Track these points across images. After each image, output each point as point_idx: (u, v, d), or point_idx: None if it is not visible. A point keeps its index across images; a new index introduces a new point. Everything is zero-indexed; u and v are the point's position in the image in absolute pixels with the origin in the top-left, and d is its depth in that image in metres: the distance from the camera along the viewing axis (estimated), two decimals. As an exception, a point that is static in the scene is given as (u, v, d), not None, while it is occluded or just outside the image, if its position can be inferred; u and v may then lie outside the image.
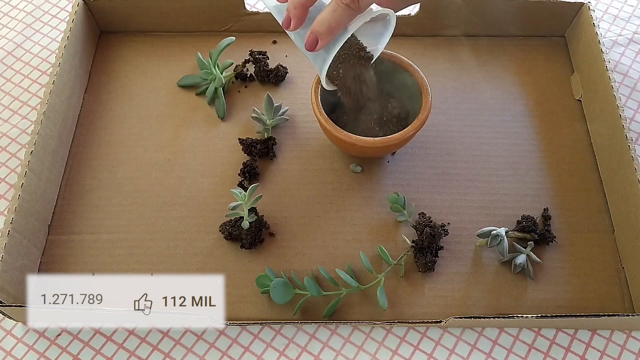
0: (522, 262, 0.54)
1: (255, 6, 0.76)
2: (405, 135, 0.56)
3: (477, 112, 0.66)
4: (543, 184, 0.61)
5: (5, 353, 0.53)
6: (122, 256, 0.57)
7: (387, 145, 0.56)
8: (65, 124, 0.63)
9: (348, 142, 0.56)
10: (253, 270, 0.56)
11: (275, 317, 0.54)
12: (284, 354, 0.52)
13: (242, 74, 0.68)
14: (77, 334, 0.53)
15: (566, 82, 0.69)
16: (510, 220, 0.59)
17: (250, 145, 0.62)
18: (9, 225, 0.52)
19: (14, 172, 0.63)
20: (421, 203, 0.60)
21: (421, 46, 0.71)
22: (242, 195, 0.55)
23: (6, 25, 0.75)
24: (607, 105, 0.60)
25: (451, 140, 0.64)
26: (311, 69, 0.69)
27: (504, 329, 0.53)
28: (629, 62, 0.71)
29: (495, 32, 0.71)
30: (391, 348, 0.53)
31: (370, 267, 0.54)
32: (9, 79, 0.70)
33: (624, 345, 0.53)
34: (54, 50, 0.72)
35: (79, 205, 0.60)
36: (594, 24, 0.65)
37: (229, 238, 0.57)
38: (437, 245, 0.56)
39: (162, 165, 0.62)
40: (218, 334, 0.53)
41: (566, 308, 0.54)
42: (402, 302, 0.54)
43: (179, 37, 0.72)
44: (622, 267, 0.56)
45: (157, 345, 0.53)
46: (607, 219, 0.59)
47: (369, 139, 0.56)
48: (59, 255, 0.57)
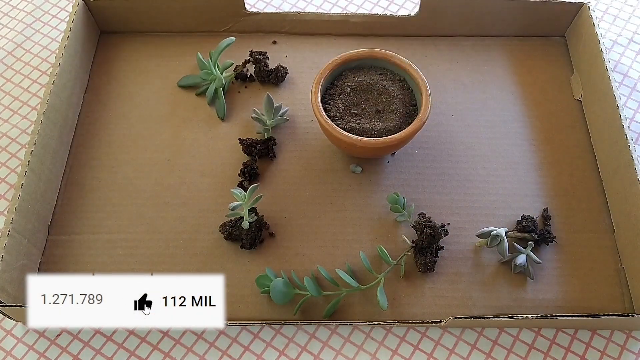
0: (522, 262, 0.54)
1: (255, 6, 0.76)
2: (404, 135, 0.56)
3: (477, 112, 0.66)
4: (543, 184, 0.61)
5: (5, 353, 0.53)
6: (122, 256, 0.57)
7: (387, 145, 0.56)
8: (65, 124, 0.63)
9: (348, 142, 0.56)
10: (253, 271, 0.56)
11: (275, 317, 0.54)
12: (284, 354, 0.52)
13: (242, 74, 0.68)
14: (77, 334, 0.53)
15: (566, 82, 0.69)
16: (510, 221, 0.59)
17: (250, 145, 0.62)
18: (9, 225, 0.52)
19: (14, 172, 0.63)
20: (421, 203, 0.60)
21: (421, 46, 0.71)
22: (242, 195, 0.55)
23: (6, 25, 0.75)
24: (607, 105, 0.60)
25: (451, 140, 0.64)
26: (311, 69, 0.69)
27: (504, 329, 0.53)
28: (629, 62, 0.71)
29: (495, 32, 0.71)
30: (391, 348, 0.53)
31: (370, 267, 0.54)
32: (9, 79, 0.70)
33: (624, 345, 0.53)
34: (54, 50, 0.72)
35: (79, 205, 0.60)
36: (594, 24, 0.65)
37: (229, 238, 0.57)
38: (437, 245, 0.56)
39: (162, 165, 0.62)
40: (218, 333, 0.53)
41: (566, 308, 0.54)
42: (402, 302, 0.54)
43: (179, 37, 0.72)
44: (622, 267, 0.56)
45: (157, 345, 0.53)
46: (607, 219, 0.59)
47: (369, 139, 0.56)
48: (59, 255, 0.57)
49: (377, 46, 0.71)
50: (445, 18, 0.70)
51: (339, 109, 0.59)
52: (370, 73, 0.61)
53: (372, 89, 0.60)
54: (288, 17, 0.71)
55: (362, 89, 0.60)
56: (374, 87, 0.60)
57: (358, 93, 0.60)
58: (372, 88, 0.60)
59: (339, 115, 0.59)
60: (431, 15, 0.69)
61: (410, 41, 0.72)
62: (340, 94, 0.60)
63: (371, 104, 0.59)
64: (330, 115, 0.58)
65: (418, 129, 0.56)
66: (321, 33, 0.72)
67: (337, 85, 0.61)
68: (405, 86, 0.60)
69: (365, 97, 0.60)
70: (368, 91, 0.60)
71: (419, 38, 0.72)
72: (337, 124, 0.57)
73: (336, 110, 0.59)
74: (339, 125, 0.57)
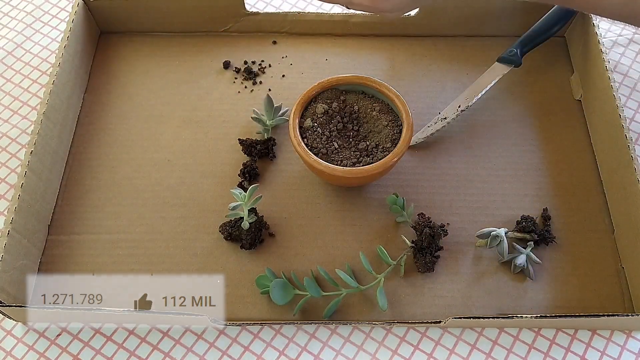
0: (522, 262, 0.54)
1: (255, 6, 0.76)
2: (378, 167, 0.54)
3: (477, 112, 0.66)
4: (543, 184, 0.61)
5: (5, 353, 0.53)
6: (122, 256, 0.57)
7: (357, 177, 0.54)
8: (65, 124, 0.63)
9: (327, 173, 0.55)
10: (253, 271, 0.56)
11: (275, 317, 0.54)
12: (284, 354, 0.52)
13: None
14: (77, 334, 0.53)
15: (566, 82, 0.69)
16: (510, 221, 0.59)
17: (250, 145, 0.62)
18: (9, 225, 0.52)
19: (14, 172, 0.63)
20: (421, 203, 0.60)
21: (421, 46, 0.71)
22: (242, 195, 0.55)
23: (6, 25, 0.75)
24: (607, 105, 0.60)
25: (451, 141, 0.64)
26: (311, 69, 0.69)
27: (504, 329, 0.53)
28: (629, 62, 0.71)
29: (495, 32, 0.71)
30: (391, 348, 0.53)
31: (370, 268, 0.54)
32: (9, 79, 0.70)
33: (624, 345, 0.53)
34: (54, 50, 0.72)
35: (79, 205, 0.60)
36: (594, 24, 0.65)
37: (229, 238, 0.57)
38: (436, 245, 0.56)
39: (162, 166, 0.62)
40: (218, 333, 0.53)
41: (566, 308, 0.54)
42: (402, 303, 0.54)
43: (179, 37, 0.72)
44: (622, 267, 0.56)
45: (157, 345, 0.53)
46: (607, 219, 0.59)
47: (341, 168, 0.54)
48: (59, 255, 0.57)
49: (377, 46, 0.71)
50: (445, 18, 0.70)
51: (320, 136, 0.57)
52: (360, 98, 0.60)
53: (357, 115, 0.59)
54: (288, 17, 0.71)
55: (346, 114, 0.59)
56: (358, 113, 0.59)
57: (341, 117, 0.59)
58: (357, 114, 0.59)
59: (321, 143, 0.57)
60: (431, 15, 0.69)
61: (410, 41, 0.72)
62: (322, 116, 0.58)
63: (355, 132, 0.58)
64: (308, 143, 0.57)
65: (388, 164, 0.55)
66: (321, 33, 0.72)
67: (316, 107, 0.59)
68: (394, 114, 0.59)
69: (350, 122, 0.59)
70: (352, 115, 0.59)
71: (419, 38, 0.72)
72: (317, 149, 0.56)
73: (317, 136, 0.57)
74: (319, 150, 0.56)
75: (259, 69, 0.69)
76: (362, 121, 0.59)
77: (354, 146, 0.57)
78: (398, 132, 0.57)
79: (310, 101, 0.59)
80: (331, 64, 0.70)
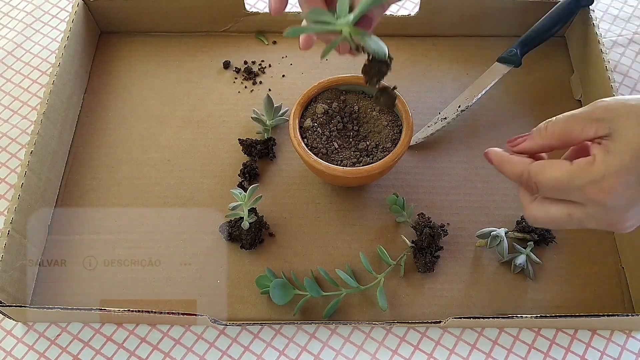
0: (522, 262, 0.54)
1: (255, 6, 0.76)
2: (378, 167, 0.54)
3: (477, 112, 0.66)
4: (543, 184, 0.61)
5: (5, 353, 0.53)
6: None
7: (355, 176, 0.54)
8: (65, 124, 0.63)
9: (327, 173, 0.54)
10: (253, 271, 0.56)
11: (275, 317, 0.54)
12: (284, 354, 0.52)
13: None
14: (77, 334, 0.53)
15: (566, 82, 0.69)
16: (509, 221, 0.58)
17: (250, 145, 0.62)
18: (9, 225, 0.52)
19: (14, 172, 0.63)
20: (421, 203, 0.60)
21: (421, 46, 0.71)
22: (242, 195, 0.55)
23: (6, 25, 0.75)
24: (607, 105, 0.60)
25: (451, 141, 0.64)
26: (311, 69, 0.69)
27: (504, 329, 0.53)
28: (629, 62, 0.71)
29: (495, 32, 0.71)
30: (391, 348, 0.53)
31: (369, 268, 0.54)
32: (9, 79, 0.70)
33: (624, 345, 0.53)
34: (54, 50, 0.72)
35: (79, 205, 0.60)
36: (594, 24, 0.65)
37: (229, 238, 0.57)
38: (436, 245, 0.56)
39: (162, 166, 0.62)
40: (218, 333, 0.53)
41: (566, 308, 0.54)
42: (402, 303, 0.54)
43: (179, 37, 0.72)
44: (622, 267, 0.56)
45: (157, 345, 0.53)
46: (607, 219, 0.59)
47: (347, 168, 0.54)
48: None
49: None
50: (445, 18, 0.70)
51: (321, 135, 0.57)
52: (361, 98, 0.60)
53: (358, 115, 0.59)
54: (288, 17, 0.70)
55: (347, 114, 0.59)
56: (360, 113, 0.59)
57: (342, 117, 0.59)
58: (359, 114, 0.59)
59: (321, 143, 0.57)
60: (431, 15, 0.69)
61: (410, 41, 0.72)
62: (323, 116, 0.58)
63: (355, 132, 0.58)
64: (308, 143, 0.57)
65: (391, 162, 0.54)
66: (321, 33, 0.72)
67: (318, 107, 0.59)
68: (395, 116, 0.58)
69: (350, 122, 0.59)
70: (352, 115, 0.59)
71: (419, 38, 0.72)
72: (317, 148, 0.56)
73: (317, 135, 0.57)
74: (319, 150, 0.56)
75: (259, 69, 0.69)
76: (362, 121, 0.59)
77: (354, 146, 0.57)
78: (398, 132, 0.57)
79: (310, 101, 0.59)
80: (331, 64, 0.70)
